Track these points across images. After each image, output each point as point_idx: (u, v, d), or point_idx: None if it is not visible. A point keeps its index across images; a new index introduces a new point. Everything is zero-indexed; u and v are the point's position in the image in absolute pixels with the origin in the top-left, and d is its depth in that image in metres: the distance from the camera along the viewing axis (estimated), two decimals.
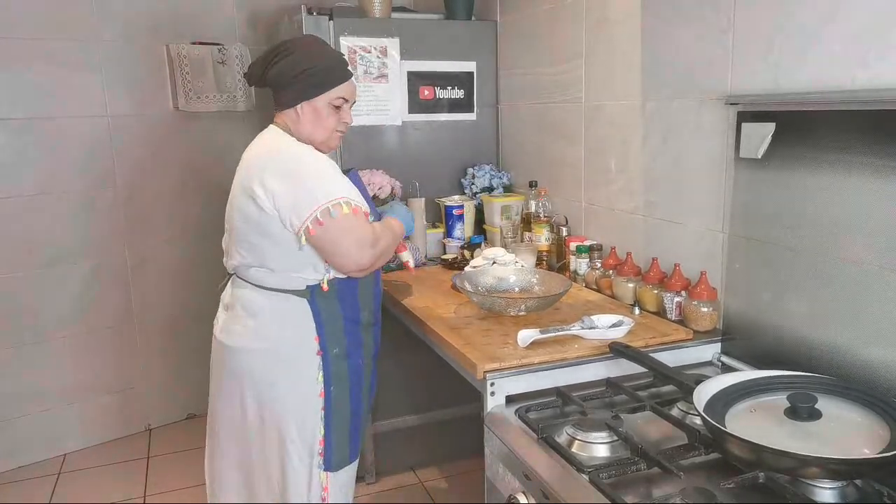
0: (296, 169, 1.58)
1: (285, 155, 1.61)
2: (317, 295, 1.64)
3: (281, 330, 1.65)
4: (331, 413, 1.68)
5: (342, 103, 1.67)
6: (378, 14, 2.63)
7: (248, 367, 1.66)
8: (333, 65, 1.66)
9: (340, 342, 1.67)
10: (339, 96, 1.66)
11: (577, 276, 2.16)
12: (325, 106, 1.65)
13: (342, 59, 1.70)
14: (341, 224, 1.54)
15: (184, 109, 3.13)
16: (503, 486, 1.39)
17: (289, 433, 1.66)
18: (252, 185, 1.56)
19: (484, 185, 2.73)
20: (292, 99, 1.65)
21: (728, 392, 1.27)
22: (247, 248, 1.63)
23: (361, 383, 1.75)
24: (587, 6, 2.20)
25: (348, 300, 1.68)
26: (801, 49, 1.45)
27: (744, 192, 1.61)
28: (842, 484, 1.08)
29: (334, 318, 1.66)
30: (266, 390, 1.66)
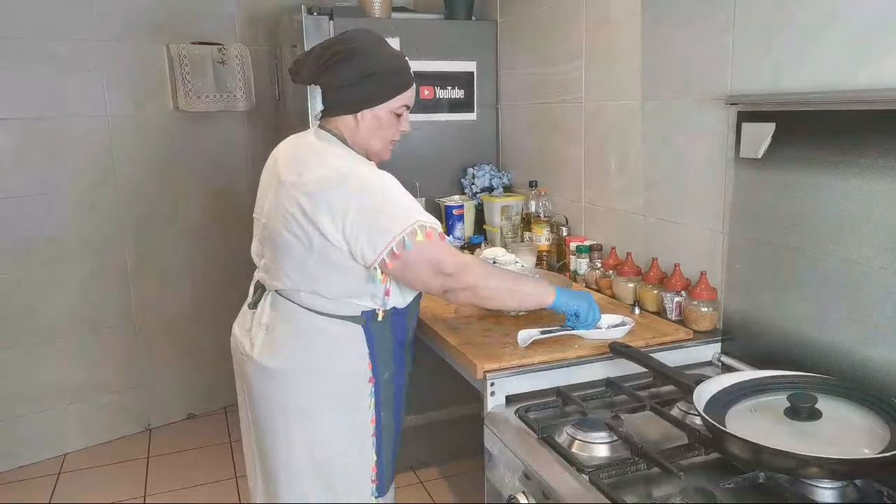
0: (368, 199, 1.43)
1: (353, 182, 1.44)
2: (371, 321, 1.55)
3: (331, 356, 1.55)
4: (381, 438, 1.63)
5: (404, 111, 1.56)
6: (378, 14, 2.63)
7: (293, 391, 1.55)
8: (398, 69, 1.53)
9: (389, 366, 1.61)
10: (403, 104, 1.55)
11: (577, 276, 2.16)
12: (388, 114, 1.54)
13: (405, 62, 1.55)
14: (416, 255, 1.42)
15: (184, 109, 3.13)
16: (503, 486, 1.39)
17: (340, 465, 1.59)
18: (317, 215, 1.42)
19: (484, 185, 2.73)
20: (352, 105, 1.53)
21: (728, 392, 1.27)
22: (300, 273, 1.50)
23: (402, 401, 1.71)
24: (587, 6, 2.20)
25: (400, 324, 1.61)
26: (801, 49, 1.45)
27: (744, 192, 1.61)
28: (842, 484, 1.08)
29: (386, 342, 1.58)
30: (313, 422, 1.56)
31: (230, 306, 3.38)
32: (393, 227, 1.40)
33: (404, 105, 1.55)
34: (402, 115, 1.57)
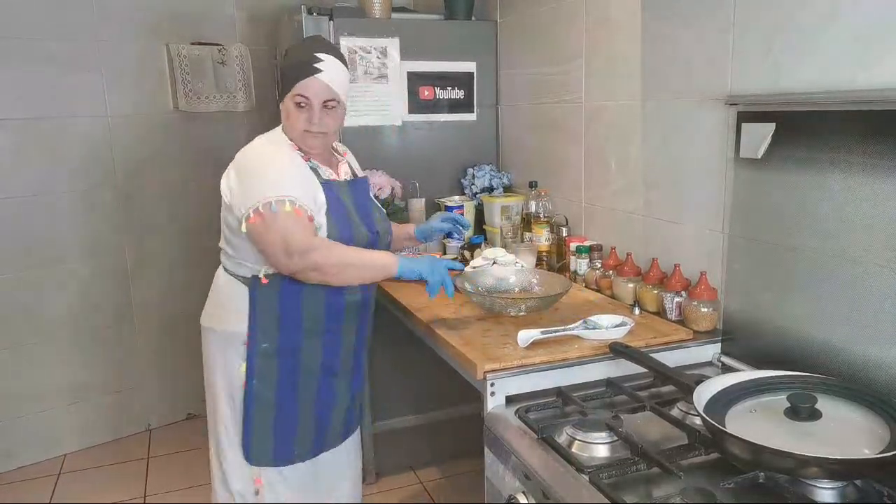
0: (254, 164, 1.65)
1: (250, 152, 1.68)
2: (258, 286, 1.66)
3: (221, 311, 1.73)
4: (252, 406, 1.70)
5: (304, 101, 1.62)
6: (378, 14, 2.63)
7: (204, 345, 1.80)
8: (296, 63, 1.63)
9: (272, 338, 1.68)
10: (297, 94, 1.62)
11: (577, 276, 2.16)
12: (292, 105, 1.64)
13: (310, 56, 1.62)
14: (277, 221, 1.55)
15: (184, 109, 3.13)
16: (503, 486, 1.39)
17: (223, 416, 1.74)
18: (224, 177, 1.67)
19: (484, 185, 2.73)
20: (279, 98, 1.73)
21: (728, 392, 1.27)
22: (223, 231, 1.73)
23: (296, 387, 1.72)
24: (587, 6, 2.20)
25: (289, 300, 1.67)
26: (801, 49, 1.45)
27: (744, 192, 1.61)
28: (842, 484, 1.08)
29: (271, 311, 1.67)
30: (209, 371, 1.78)
31: None
32: (267, 190, 1.57)
33: (299, 95, 1.61)
34: (304, 107, 1.62)
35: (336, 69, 1.64)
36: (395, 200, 2.58)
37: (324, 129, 1.65)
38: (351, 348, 1.80)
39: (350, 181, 1.76)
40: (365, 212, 1.74)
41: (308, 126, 1.63)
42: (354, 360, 1.83)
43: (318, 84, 1.61)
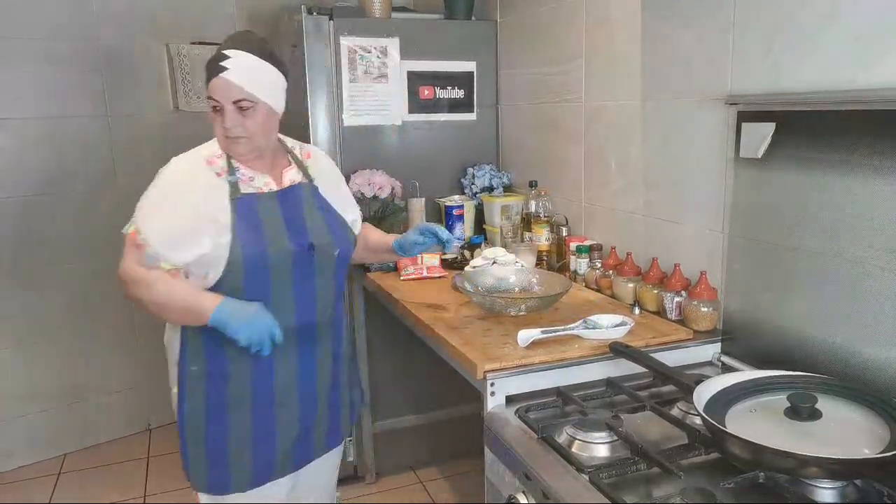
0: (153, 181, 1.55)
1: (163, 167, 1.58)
2: None
3: (169, 331, 1.65)
4: (184, 431, 1.60)
5: (216, 104, 1.48)
6: (378, 14, 2.63)
7: None
8: (208, 63, 1.50)
9: (200, 361, 1.56)
10: (208, 96, 1.49)
11: (577, 276, 2.16)
12: (210, 108, 1.51)
13: (217, 54, 1.47)
14: (124, 245, 1.53)
15: (184, 109, 3.13)
16: (503, 486, 1.39)
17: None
18: None
19: (484, 185, 2.73)
20: None
21: (728, 392, 1.27)
22: None
23: (226, 414, 1.56)
24: (587, 6, 2.20)
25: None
26: (801, 49, 1.45)
27: (744, 192, 1.61)
28: (842, 484, 1.08)
29: (196, 334, 1.54)
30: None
31: None
32: (136, 211, 1.53)
33: (209, 97, 1.48)
34: (219, 111, 1.48)
35: (247, 66, 1.46)
36: (395, 200, 2.58)
37: (242, 134, 1.49)
38: (292, 375, 1.60)
39: (281, 191, 1.57)
40: (296, 223, 1.55)
41: (224, 131, 1.49)
42: (303, 388, 1.63)
43: (224, 84, 1.45)
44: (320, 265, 1.58)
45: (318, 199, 1.64)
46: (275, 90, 1.52)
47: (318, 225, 1.60)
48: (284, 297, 1.55)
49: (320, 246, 1.57)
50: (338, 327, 1.71)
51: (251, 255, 1.49)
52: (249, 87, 1.46)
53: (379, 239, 1.86)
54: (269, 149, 1.58)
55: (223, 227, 1.48)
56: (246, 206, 1.52)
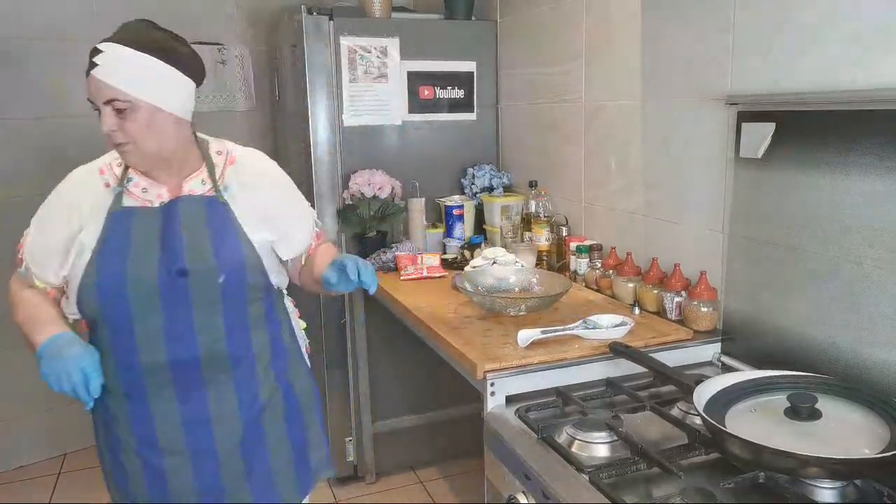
0: None
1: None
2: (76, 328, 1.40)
3: None
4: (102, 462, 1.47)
5: (94, 106, 1.31)
6: (378, 14, 2.63)
7: None
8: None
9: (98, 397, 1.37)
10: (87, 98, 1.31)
11: (577, 276, 2.16)
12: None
13: (93, 48, 1.30)
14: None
15: None
16: (503, 486, 1.39)
17: None
18: None
19: (484, 185, 2.73)
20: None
21: (728, 392, 1.27)
22: None
23: (121, 461, 1.40)
24: (587, 6, 2.20)
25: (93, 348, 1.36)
26: (801, 49, 1.45)
27: (744, 192, 1.61)
28: (842, 484, 1.08)
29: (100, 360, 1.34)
30: None
31: None
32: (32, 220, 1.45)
33: (88, 99, 1.31)
34: (100, 111, 1.30)
35: (120, 59, 1.27)
36: (395, 200, 2.58)
37: (123, 139, 1.30)
38: (175, 423, 1.36)
39: (167, 205, 1.35)
40: (173, 244, 1.32)
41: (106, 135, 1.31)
42: (194, 441, 1.37)
43: (93, 82, 1.28)
44: (197, 294, 1.33)
45: (216, 215, 1.37)
46: (161, 87, 1.30)
47: (199, 246, 1.34)
48: (152, 331, 1.32)
49: (197, 271, 1.32)
50: (252, 369, 1.42)
51: (106, 281, 1.30)
52: (122, 84, 1.26)
53: (321, 261, 1.51)
54: (176, 155, 1.37)
55: (87, 246, 1.32)
56: (119, 222, 1.33)
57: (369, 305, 2.62)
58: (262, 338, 1.44)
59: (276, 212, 1.46)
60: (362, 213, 2.51)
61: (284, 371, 1.50)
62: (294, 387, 1.52)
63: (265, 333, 1.45)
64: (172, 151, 1.36)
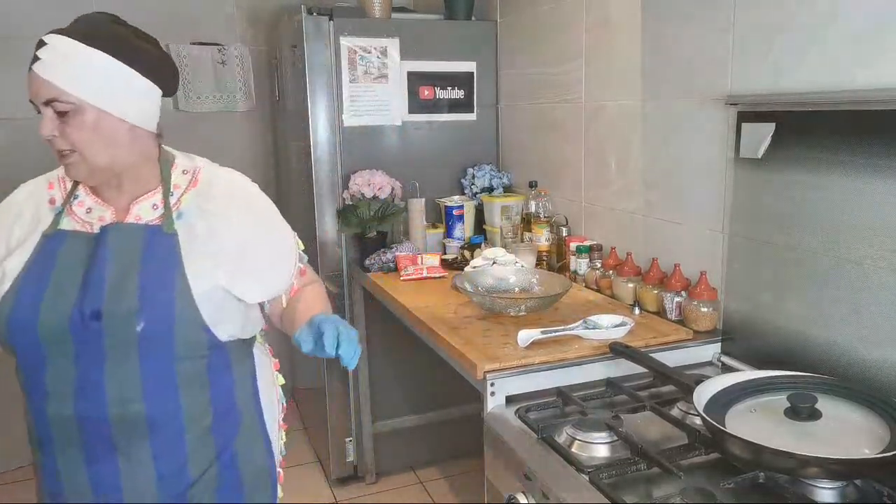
0: None
1: None
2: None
3: None
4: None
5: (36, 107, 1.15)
6: (378, 14, 2.63)
7: None
8: None
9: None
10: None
11: (577, 276, 2.16)
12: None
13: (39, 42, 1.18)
14: None
15: (184, 109, 3.13)
16: (503, 486, 1.39)
17: None
18: None
19: (484, 185, 2.73)
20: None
21: (728, 392, 1.27)
22: None
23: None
24: (587, 6, 2.20)
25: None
26: (801, 49, 1.45)
27: (744, 192, 1.61)
28: (842, 484, 1.08)
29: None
30: None
31: None
32: None
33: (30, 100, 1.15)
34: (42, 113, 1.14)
35: (63, 54, 1.13)
36: (395, 200, 2.58)
37: (65, 146, 1.11)
38: (84, 489, 1.17)
39: (102, 231, 1.15)
40: (97, 279, 1.12)
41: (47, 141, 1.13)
42: None
43: (33, 78, 1.14)
44: (111, 342, 1.11)
45: (156, 248, 1.15)
46: (113, 89, 1.12)
47: (123, 285, 1.11)
48: (62, 379, 1.14)
49: (113, 315, 1.10)
50: (179, 436, 1.17)
51: (18, 317, 1.12)
52: (65, 82, 1.10)
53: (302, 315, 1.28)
54: (130, 172, 1.17)
55: (8, 273, 1.14)
56: (48, 248, 1.15)
57: (369, 305, 2.62)
58: (199, 398, 1.19)
59: (245, 247, 1.22)
60: (362, 214, 2.51)
61: (231, 440, 1.25)
62: (240, 460, 1.26)
63: (204, 393, 1.20)
64: (127, 167, 1.16)
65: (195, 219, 1.19)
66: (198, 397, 1.19)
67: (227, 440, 1.24)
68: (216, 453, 1.23)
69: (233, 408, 1.25)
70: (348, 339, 1.13)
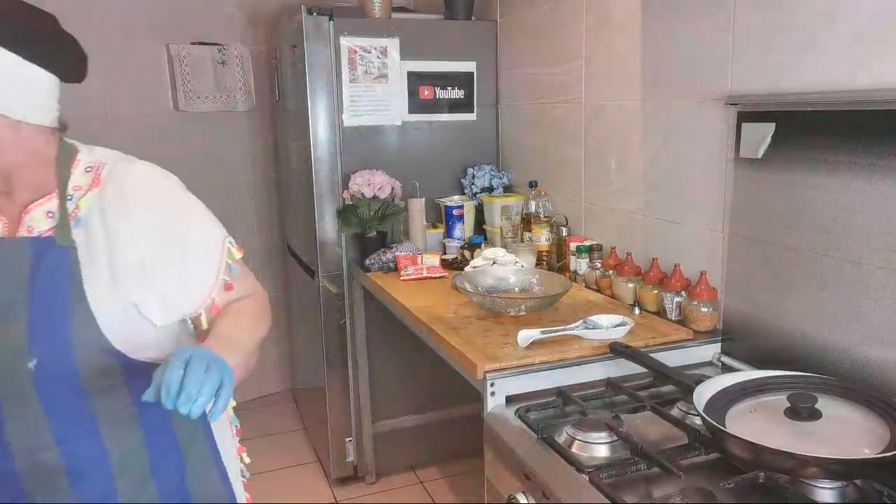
0: None
1: None
2: None
3: None
4: None
5: None
6: (378, 14, 2.63)
7: None
8: None
9: None
10: None
11: (577, 276, 2.16)
12: None
13: None
14: None
15: (184, 109, 3.13)
16: (503, 486, 1.39)
17: None
18: None
19: (484, 185, 2.73)
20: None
21: (728, 392, 1.27)
22: None
23: None
24: (587, 6, 2.20)
25: None
26: (801, 49, 1.45)
27: (744, 192, 1.61)
28: (842, 484, 1.08)
29: None
30: None
31: None
32: None
33: None
34: None
35: None
36: (395, 200, 2.58)
37: None
38: None
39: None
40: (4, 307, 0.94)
41: None
42: None
43: None
44: (4, 383, 0.95)
45: (48, 266, 0.96)
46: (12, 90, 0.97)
47: (10, 314, 0.94)
48: None
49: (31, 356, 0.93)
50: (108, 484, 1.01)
51: None
52: None
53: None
54: (19, 173, 1.00)
55: None
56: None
57: (369, 305, 2.62)
58: (128, 438, 1.02)
59: (150, 252, 1.01)
60: (362, 214, 2.51)
61: (179, 480, 1.08)
62: (193, 500, 1.10)
63: (136, 431, 1.02)
64: (12, 169, 0.99)
65: (96, 225, 0.99)
66: (129, 436, 1.01)
67: (172, 482, 1.07)
68: (162, 500, 1.05)
69: (174, 445, 1.07)
70: (195, 384, 0.84)
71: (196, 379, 0.84)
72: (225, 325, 1.06)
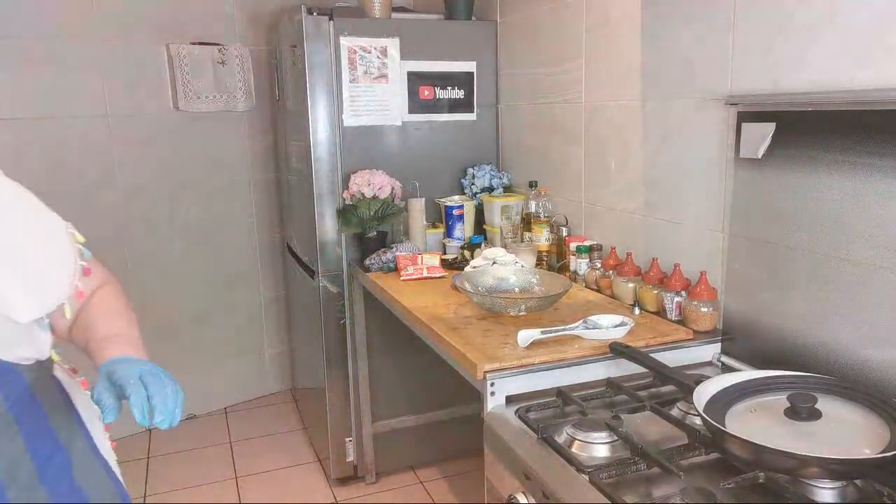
0: None
1: None
2: None
3: None
4: None
5: None
6: (378, 14, 2.63)
7: None
8: None
9: None
10: None
11: (577, 276, 2.16)
12: None
13: None
14: None
15: (184, 109, 3.13)
16: (503, 486, 1.39)
17: None
18: None
19: (484, 185, 2.73)
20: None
21: (728, 392, 1.27)
22: None
23: None
24: (587, 6, 2.20)
25: None
26: (801, 49, 1.45)
27: (744, 192, 1.61)
28: (842, 484, 1.08)
29: None
30: None
31: (230, 306, 3.38)
32: None
33: None
34: None
35: None
36: (395, 200, 2.58)
37: None
38: None
39: None
40: None
41: None
42: None
43: None
44: None
45: None
46: None
47: None
48: None
49: None
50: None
51: None
52: None
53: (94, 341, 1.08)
54: None
55: None
56: None
57: (369, 305, 2.62)
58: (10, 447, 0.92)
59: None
60: (362, 214, 2.51)
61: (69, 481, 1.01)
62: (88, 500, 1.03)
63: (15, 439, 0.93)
64: None
65: None
66: (8, 446, 0.91)
67: (66, 485, 0.99)
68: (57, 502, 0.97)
69: (56, 447, 0.99)
70: (162, 401, 0.90)
71: (161, 394, 0.91)
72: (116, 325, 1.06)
